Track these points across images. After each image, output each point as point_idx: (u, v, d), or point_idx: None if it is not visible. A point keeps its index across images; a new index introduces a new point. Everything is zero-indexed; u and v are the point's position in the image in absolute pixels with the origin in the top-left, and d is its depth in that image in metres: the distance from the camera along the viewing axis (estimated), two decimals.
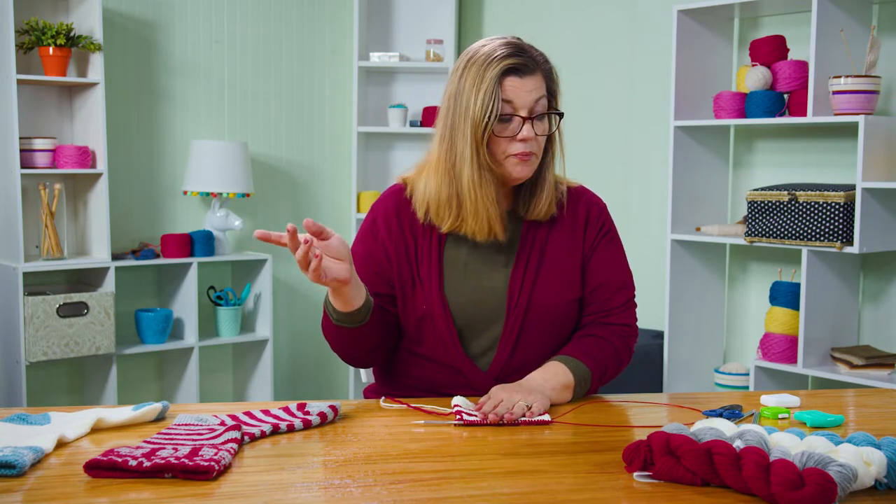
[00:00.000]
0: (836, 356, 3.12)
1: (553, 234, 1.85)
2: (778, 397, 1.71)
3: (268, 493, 1.21)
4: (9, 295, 3.56)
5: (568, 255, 1.85)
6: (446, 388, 1.81)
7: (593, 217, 1.89)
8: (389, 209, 1.86)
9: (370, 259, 1.83)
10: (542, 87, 1.76)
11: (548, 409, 1.64)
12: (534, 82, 1.74)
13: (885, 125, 3.01)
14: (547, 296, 1.80)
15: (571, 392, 1.73)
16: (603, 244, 1.88)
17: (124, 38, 3.98)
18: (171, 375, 4.11)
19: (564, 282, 1.83)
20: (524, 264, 1.82)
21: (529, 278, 1.81)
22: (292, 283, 4.51)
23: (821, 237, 3.04)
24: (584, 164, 4.09)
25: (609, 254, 1.88)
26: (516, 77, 1.73)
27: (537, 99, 1.74)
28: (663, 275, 3.57)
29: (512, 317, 1.79)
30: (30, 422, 1.47)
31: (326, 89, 4.55)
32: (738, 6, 3.30)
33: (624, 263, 1.90)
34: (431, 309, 1.79)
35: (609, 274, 1.86)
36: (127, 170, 4.02)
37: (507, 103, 1.73)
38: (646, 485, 1.26)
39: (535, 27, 4.28)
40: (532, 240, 1.84)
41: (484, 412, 1.58)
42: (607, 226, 1.90)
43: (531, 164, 1.77)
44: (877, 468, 1.22)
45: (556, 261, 1.84)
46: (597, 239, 1.87)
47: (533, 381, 1.70)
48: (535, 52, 1.78)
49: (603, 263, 1.86)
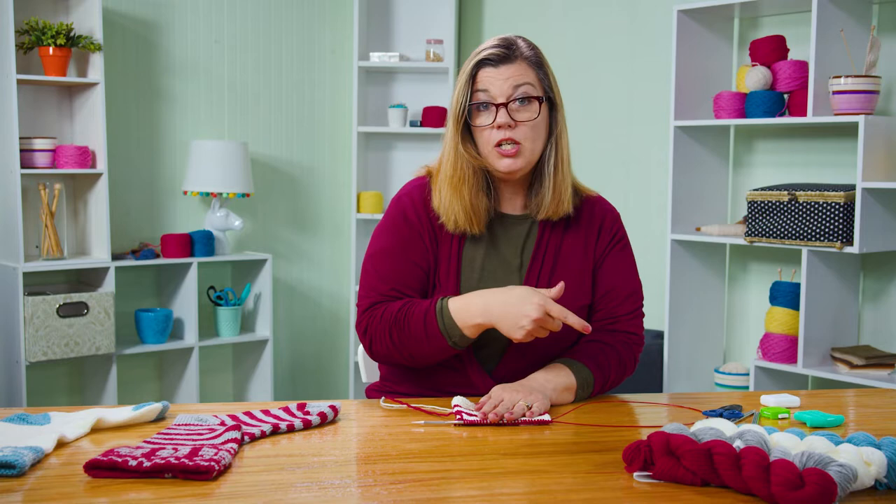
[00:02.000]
0: (836, 356, 3.12)
1: (567, 240, 1.84)
2: (778, 397, 1.71)
3: (268, 493, 1.21)
4: (9, 295, 3.56)
5: (581, 261, 1.84)
6: (451, 388, 1.80)
7: (607, 224, 1.88)
8: (417, 202, 1.83)
9: (408, 248, 1.79)
10: (525, 75, 1.75)
11: (548, 409, 1.64)
12: (511, 70, 1.74)
13: (885, 125, 3.01)
14: (559, 301, 1.77)
15: (573, 394, 1.73)
16: (615, 251, 1.87)
17: (124, 38, 3.98)
18: (171, 375, 4.11)
19: (577, 288, 1.82)
20: (538, 269, 1.81)
21: (543, 283, 1.80)
22: (292, 283, 4.51)
23: (821, 237, 3.04)
24: (584, 163, 4.09)
25: (620, 261, 1.87)
26: (491, 67, 1.75)
27: (516, 86, 1.74)
28: (663, 275, 3.57)
29: None
30: (30, 422, 1.47)
31: (326, 89, 4.55)
32: (738, 6, 3.30)
33: (634, 272, 1.90)
34: None
35: (619, 281, 1.86)
36: (127, 170, 4.02)
37: (483, 92, 1.75)
38: (646, 485, 1.26)
39: (535, 27, 4.28)
40: (546, 244, 1.83)
41: (484, 412, 1.58)
42: (620, 234, 1.90)
43: (517, 157, 1.75)
44: (877, 468, 1.22)
45: (569, 266, 1.83)
46: (609, 245, 1.87)
47: (535, 381, 1.70)
48: (520, 43, 1.78)
49: (613, 270, 1.86)
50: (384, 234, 1.83)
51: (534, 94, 1.75)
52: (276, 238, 4.46)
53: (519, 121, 1.74)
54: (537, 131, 1.76)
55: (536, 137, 1.76)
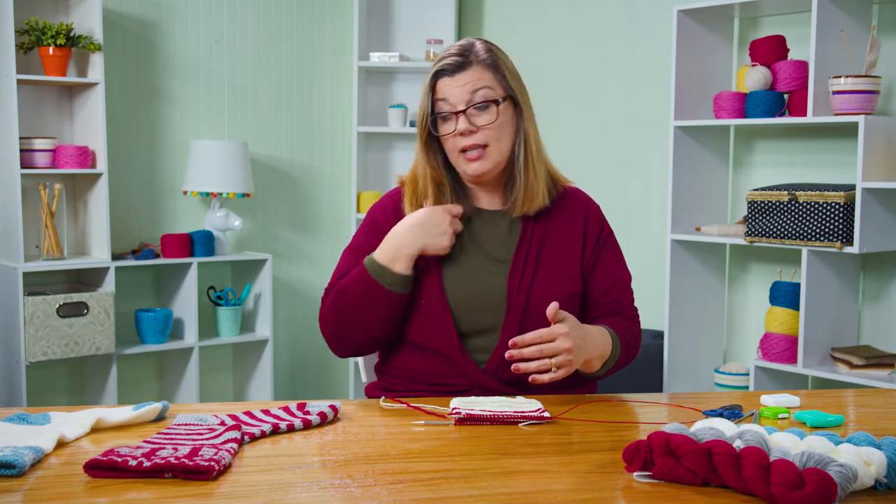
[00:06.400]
0: (836, 356, 3.12)
1: (551, 230, 1.88)
2: (778, 397, 1.71)
3: (268, 493, 1.21)
4: (9, 295, 3.56)
5: (566, 251, 1.88)
6: (443, 379, 1.81)
7: (593, 216, 1.94)
8: (388, 208, 1.92)
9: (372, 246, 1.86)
10: (481, 79, 1.78)
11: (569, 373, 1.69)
12: (467, 76, 1.78)
13: (885, 125, 3.01)
14: (546, 291, 1.82)
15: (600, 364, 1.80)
16: (606, 248, 1.93)
17: (124, 38, 3.98)
18: (171, 375, 4.11)
19: (563, 277, 1.86)
20: (523, 260, 1.84)
21: (528, 274, 1.83)
22: (292, 283, 4.51)
23: (821, 237, 3.04)
24: (584, 163, 4.09)
25: (612, 255, 1.94)
26: (447, 77, 1.79)
27: (473, 91, 1.78)
28: (663, 275, 3.57)
29: (512, 312, 1.80)
30: (30, 422, 1.47)
31: (326, 89, 4.55)
32: (738, 6, 3.30)
33: (626, 267, 1.98)
34: (431, 301, 1.81)
35: (617, 275, 1.93)
36: (127, 170, 4.02)
37: (443, 101, 1.79)
38: (646, 485, 1.26)
39: (535, 27, 4.28)
40: (531, 236, 1.86)
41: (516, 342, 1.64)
42: (606, 229, 1.96)
43: (483, 160, 1.80)
44: (877, 468, 1.22)
45: (554, 256, 1.87)
46: (600, 240, 1.92)
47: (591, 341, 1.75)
48: (477, 47, 1.81)
49: (610, 266, 1.93)
50: (356, 237, 1.93)
51: (492, 96, 1.79)
52: (276, 238, 4.46)
53: (480, 125, 1.78)
54: (502, 132, 1.80)
55: (502, 138, 1.80)
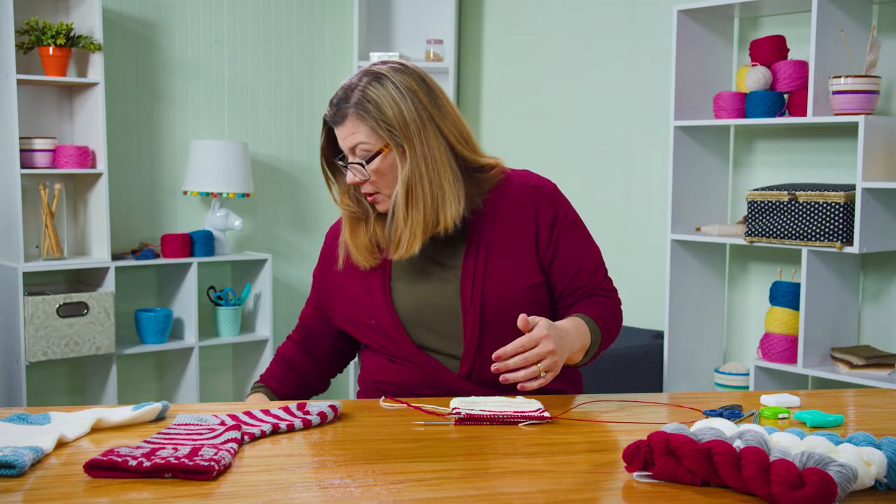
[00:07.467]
0: (836, 356, 3.12)
1: (498, 224, 1.84)
2: (778, 397, 1.71)
3: (268, 493, 1.21)
4: (9, 295, 3.56)
5: (517, 241, 1.83)
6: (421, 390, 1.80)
7: (544, 202, 1.85)
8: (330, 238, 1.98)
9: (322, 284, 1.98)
10: (356, 133, 1.74)
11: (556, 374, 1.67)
12: (344, 130, 1.76)
13: (885, 125, 3.01)
14: (501, 285, 1.79)
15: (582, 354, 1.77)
16: (564, 233, 1.85)
17: (124, 38, 3.98)
18: (171, 375, 4.11)
19: (518, 269, 1.82)
20: (473, 258, 1.81)
21: (480, 271, 1.80)
22: (292, 283, 4.51)
23: (821, 237, 3.04)
24: (584, 164, 4.09)
25: (576, 239, 1.86)
26: (333, 128, 1.79)
27: (352, 147, 1.76)
28: (663, 275, 3.57)
29: (470, 313, 1.79)
30: (30, 422, 1.47)
31: (326, 89, 4.54)
32: (738, 6, 3.30)
33: (592, 244, 1.90)
34: (381, 320, 1.82)
35: (580, 260, 1.86)
36: (127, 170, 4.02)
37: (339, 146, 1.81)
38: (646, 485, 1.26)
39: (535, 27, 4.28)
40: (479, 234, 1.83)
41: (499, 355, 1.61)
42: (563, 209, 1.87)
43: (382, 202, 1.80)
44: (877, 468, 1.22)
45: (505, 249, 1.82)
46: (556, 225, 1.84)
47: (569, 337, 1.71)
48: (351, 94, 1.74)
49: (574, 250, 1.85)
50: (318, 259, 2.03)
51: (370, 149, 1.74)
52: (276, 238, 4.46)
53: (363, 179, 1.77)
54: (387, 179, 1.77)
55: (389, 184, 1.77)
